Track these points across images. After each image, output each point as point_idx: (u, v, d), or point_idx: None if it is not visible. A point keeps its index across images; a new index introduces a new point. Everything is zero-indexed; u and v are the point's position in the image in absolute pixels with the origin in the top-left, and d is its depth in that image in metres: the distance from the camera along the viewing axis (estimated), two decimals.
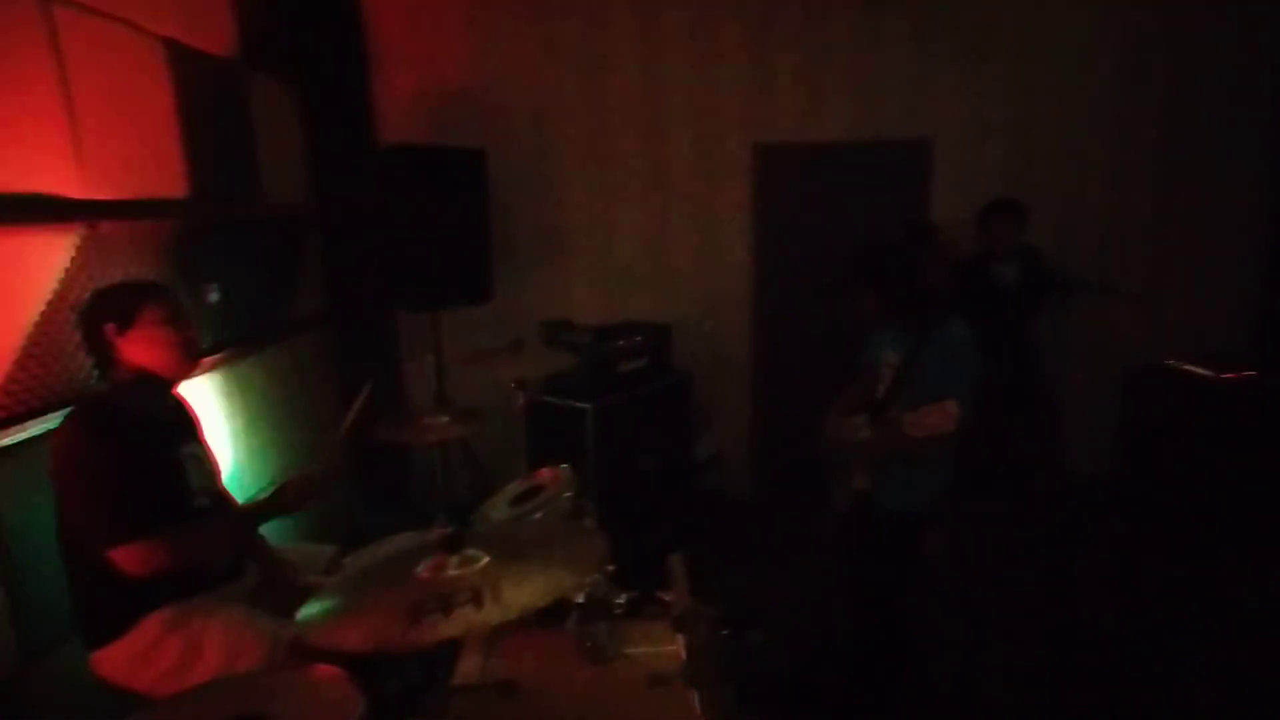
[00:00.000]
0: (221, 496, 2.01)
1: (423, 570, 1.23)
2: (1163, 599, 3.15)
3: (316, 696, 1.33)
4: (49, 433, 1.84)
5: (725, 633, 2.78)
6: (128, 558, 1.62)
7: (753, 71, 3.89)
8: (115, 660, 1.72)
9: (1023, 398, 3.48)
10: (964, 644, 2.91)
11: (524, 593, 1.07)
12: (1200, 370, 3.57)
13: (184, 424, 1.97)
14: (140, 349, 1.74)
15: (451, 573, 1.22)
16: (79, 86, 2.06)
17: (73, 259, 2.02)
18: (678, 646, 1.72)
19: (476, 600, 1.05)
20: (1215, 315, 3.88)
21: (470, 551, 1.24)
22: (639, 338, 3.52)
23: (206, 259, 2.72)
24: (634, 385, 3.47)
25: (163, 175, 2.51)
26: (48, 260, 1.95)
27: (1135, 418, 3.86)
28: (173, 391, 1.91)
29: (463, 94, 3.98)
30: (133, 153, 2.33)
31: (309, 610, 1.26)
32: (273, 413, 3.18)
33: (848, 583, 2.69)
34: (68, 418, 1.68)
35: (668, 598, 1.57)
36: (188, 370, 1.86)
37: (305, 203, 3.62)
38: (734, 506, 4.22)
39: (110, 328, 1.71)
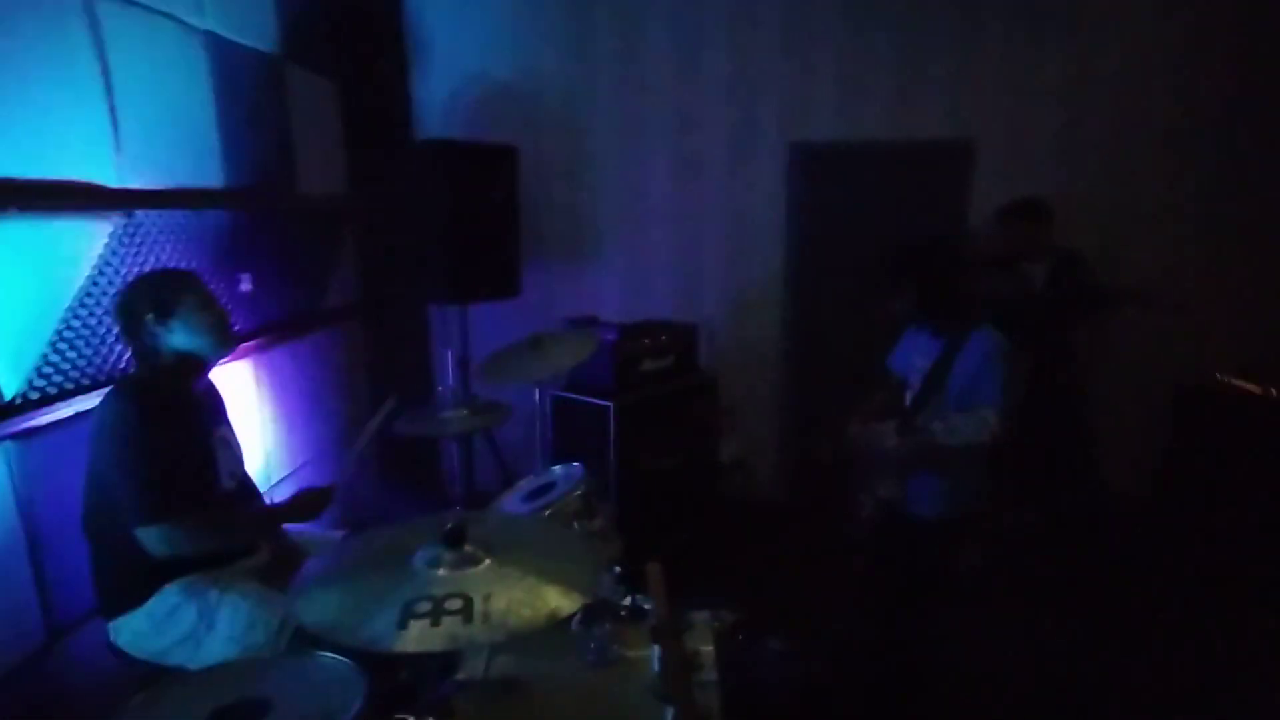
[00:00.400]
0: (246, 480, 2.06)
1: (419, 564, 1.23)
2: (1205, 618, 3.03)
3: (320, 684, 1.35)
4: (80, 414, 1.90)
5: (741, 639, 2.75)
6: (154, 538, 1.67)
7: (790, 69, 3.83)
8: (133, 628, 1.77)
9: (1047, 407, 3.33)
10: (991, 660, 2.83)
11: (514, 617, 1.05)
12: (1250, 386, 3.42)
13: (215, 407, 2.02)
14: (181, 336, 1.80)
15: (445, 571, 1.21)
16: (120, 78, 2.12)
17: (107, 246, 2.07)
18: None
19: (466, 613, 1.04)
20: (1268, 328, 3.70)
21: (470, 549, 1.23)
22: (664, 336, 3.50)
23: (241, 249, 2.77)
24: (658, 384, 3.45)
25: (200, 166, 2.57)
26: (84, 247, 2.01)
27: (1183, 434, 3.70)
28: (207, 374, 1.96)
29: (497, 91, 4.00)
30: (171, 143, 2.39)
31: (306, 595, 1.26)
32: (303, 401, 3.24)
33: (872, 592, 2.64)
34: (111, 396, 1.73)
35: (646, 606, 1.54)
36: (226, 350, 1.92)
37: (341, 195, 3.68)
38: (759, 510, 4.17)
39: (150, 318, 1.77)
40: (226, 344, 1.92)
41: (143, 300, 1.79)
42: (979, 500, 2.37)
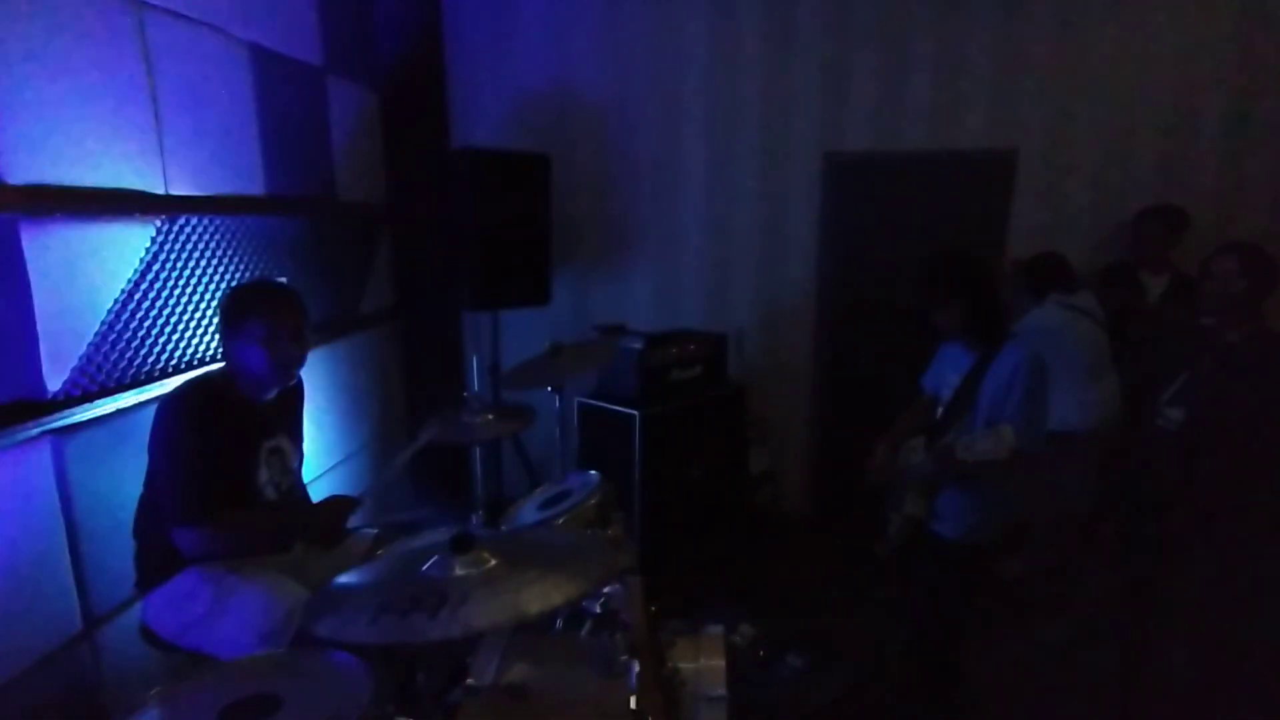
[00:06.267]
0: (291, 491, 2.05)
1: (428, 568, 1.24)
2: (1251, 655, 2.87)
3: (330, 682, 1.37)
4: (120, 411, 1.98)
5: (762, 654, 2.72)
6: (186, 539, 1.74)
7: (825, 79, 3.80)
8: (156, 604, 1.83)
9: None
10: (1024, 686, 2.74)
11: (480, 611, 1.06)
12: None
13: (276, 417, 2.00)
14: (237, 354, 1.84)
15: (458, 572, 1.23)
16: (166, 88, 2.20)
17: (149, 250, 2.15)
18: (697, 665, 1.69)
19: (433, 610, 1.05)
20: None
21: (474, 554, 1.24)
22: (693, 346, 3.48)
23: (280, 253, 2.85)
24: (686, 394, 3.44)
25: (242, 172, 2.65)
26: (128, 250, 2.09)
27: None
28: (268, 392, 1.94)
29: (533, 100, 4.05)
30: (214, 151, 2.47)
31: (321, 594, 1.29)
32: (337, 403, 3.31)
33: (900, 612, 2.58)
34: (173, 393, 1.80)
35: (627, 619, 1.52)
36: (277, 386, 1.93)
37: (378, 202, 3.76)
38: (788, 523, 4.12)
39: (222, 329, 1.84)
40: (277, 381, 1.91)
41: (222, 310, 1.86)
42: (1003, 523, 2.30)
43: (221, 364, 1.93)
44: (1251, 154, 3.47)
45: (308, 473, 3.02)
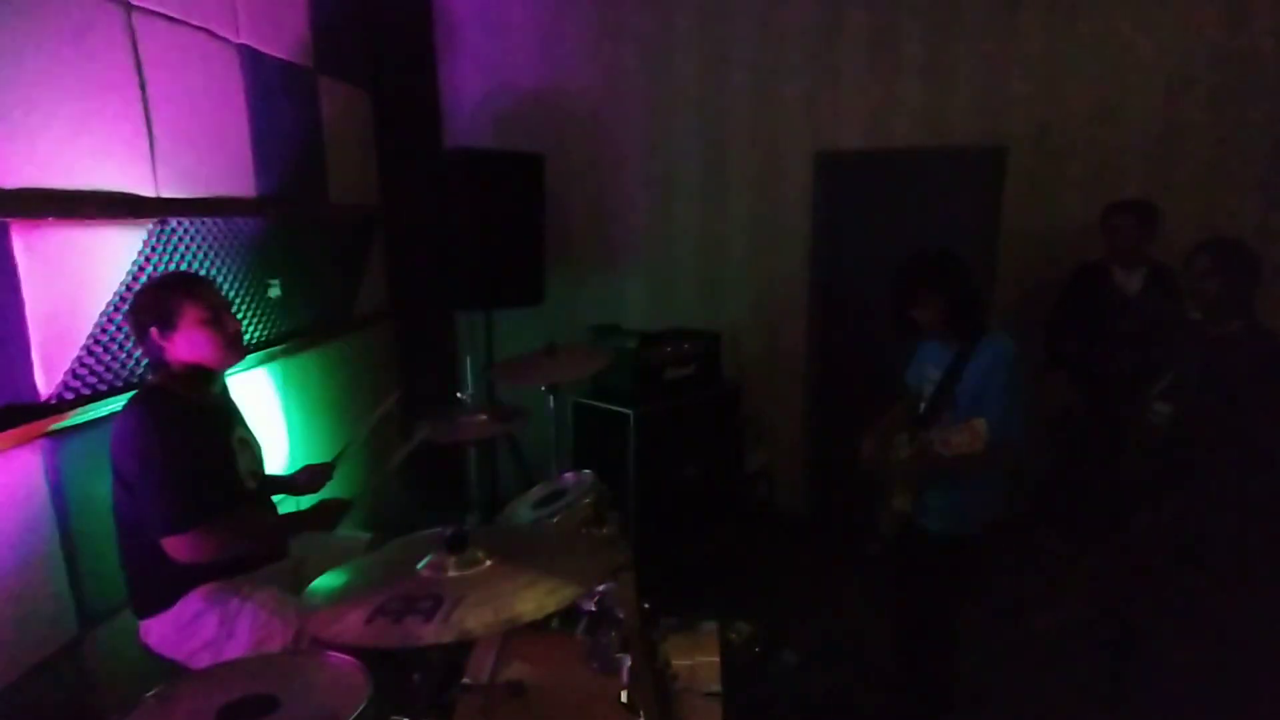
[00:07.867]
0: (265, 480, 2.10)
1: (424, 568, 1.25)
2: (1245, 652, 2.90)
3: (328, 682, 1.37)
4: (112, 414, 1.97)
5: (758, 650, 2.73)
6: (179, 547, 1.71)
7: (816, 78, 3.81)
8: (160, 631, 1.83)
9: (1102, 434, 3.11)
10: (1018, 680, 2.76)
11: (476, 615, 1.06)
12: None
13: (232, 409, 2.06)
14: (185, 348, 1.81)
15: (452, 574, 1.24)
16: (156, 91, 2.20)
17: (141, 252, 2.15)
18: (692, 662, 1.70)
19: (428, 614, 1.06)
20: None
21: (469, 554, 1.25)
22: (686, 345, 3.49)
23: (272, 255, 2.85)
24: (680, 393, 3.45)
25: (233, 175, 2.65)
26: (119, 253, 2.09)
27: None
28: (220, 381, 1.99)
29: (526, 99, 4.06)
30: (205, 153, 2.47)
31: (314, 592, 1.30)
32: (332, 403, 3.31)
33: (892, 607, 2.60)
34: (131, 406, 1.77)
35: (620, 615, 1.53)
36: (233, 362, 1.93)
37: (371, 203, 3.75)
38: (783, 520, 4.14)
39: (154, 331, 1.79)
40: (231, 358, 1.90)
41: (147, 312, 1.80)
42: (991, 516, 2.32)
43: (150, 377, 1.89)
44: (1241, 151, 3.49)
45: None
